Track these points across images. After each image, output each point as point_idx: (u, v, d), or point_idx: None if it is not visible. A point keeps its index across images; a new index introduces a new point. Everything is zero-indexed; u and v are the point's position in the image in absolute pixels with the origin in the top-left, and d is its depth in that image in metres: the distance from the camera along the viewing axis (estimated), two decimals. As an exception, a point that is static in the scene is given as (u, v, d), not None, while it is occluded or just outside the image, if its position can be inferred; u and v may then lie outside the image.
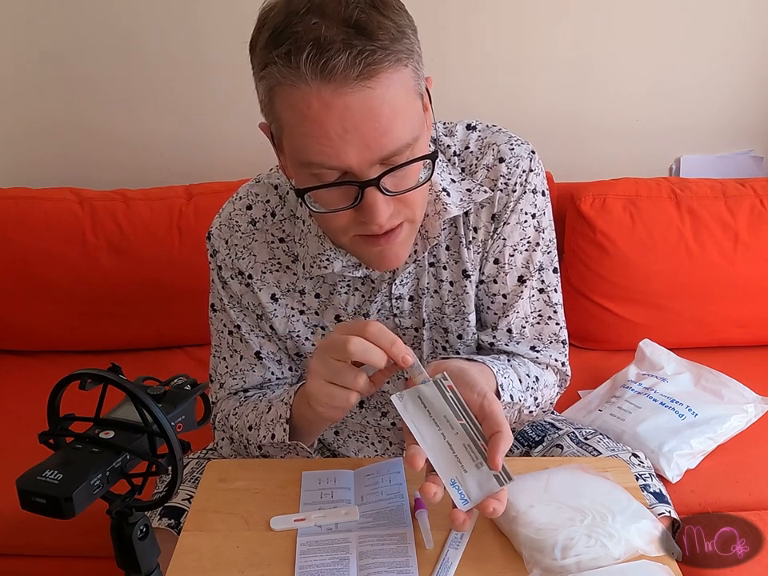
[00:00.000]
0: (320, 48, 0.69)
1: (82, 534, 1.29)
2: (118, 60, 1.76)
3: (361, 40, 0.69)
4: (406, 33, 0.74)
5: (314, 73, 0.70)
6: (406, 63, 0.74)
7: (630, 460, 0.99)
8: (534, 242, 0.96)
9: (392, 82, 0.72)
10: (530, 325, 1.00)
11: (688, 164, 1.89)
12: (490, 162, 0.92)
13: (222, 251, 0.98)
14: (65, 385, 0.58)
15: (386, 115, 0.72)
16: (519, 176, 0.92)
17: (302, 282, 0.97)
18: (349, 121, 0.71)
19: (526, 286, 0.97)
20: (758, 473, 1.31)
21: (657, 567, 0.72)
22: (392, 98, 0.72)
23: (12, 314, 1.70)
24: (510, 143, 0.93)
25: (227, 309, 1.00)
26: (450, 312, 0.98)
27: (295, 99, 0.73)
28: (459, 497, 0.72)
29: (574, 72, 1.79)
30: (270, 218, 0.96)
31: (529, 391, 0.96)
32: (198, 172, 1.80)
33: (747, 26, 1.77)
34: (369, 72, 0.70)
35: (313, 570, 0.75)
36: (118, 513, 0.59)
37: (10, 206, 1.66)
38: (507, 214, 0.93)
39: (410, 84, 0.75)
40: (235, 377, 1.04)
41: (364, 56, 0.69)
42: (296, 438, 0.93)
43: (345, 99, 0.71)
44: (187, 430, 0.61)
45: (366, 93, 0.71)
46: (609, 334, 1.68)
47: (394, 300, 0.96)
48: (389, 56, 0.71)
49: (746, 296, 1.62)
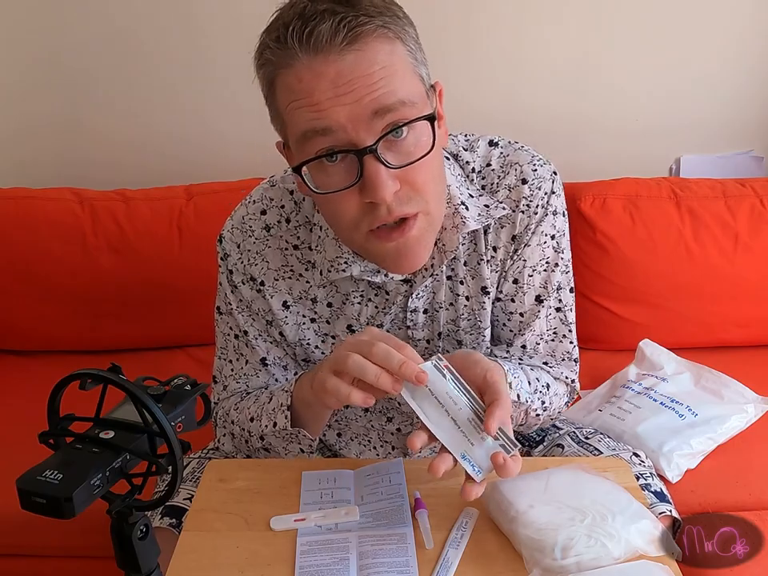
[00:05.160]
0: (303, 19, 0.71)
1: (82, 534, 1.29)
2: (118, 60, 1.76)
3: (345, 8, 0.71)
4: (392, 10, 0.75)
5: (300, 44, 0.71)
6: (393, 37, 0.74)
7: (631, 459, 0.99)
8: (553, 262, 0.96)
9: (382, 49, 0.73)
10: (544, 342, 1.00)
11: (688, 164, 1.89)
12: (512, 183, 0.91)
13: (233, 255, 0.96)
14: (65, 385, 0.58)
15: (377, 74, 0.73)
16: (541, 198, 0.91)
17: (314, 290, 0.96)
18: (340, 86, 0.72)
19: (543, 306, 0.97)
20: (758, 473, 1.31)
21: (657, 567, 0.72)
22: (384, 62, 0.73)
23: (12, 314, 1.70)
24: (533, 163, 0.92)
25: (234, 313, 0.99)
26: (465, 326, 0.98)
27: (290, 79, 0.74)
28: (471, 469, 0.75)
29: (574, 72, 1.79)
30: (285, 224, 0.95)
31: (537, 394, 0.97)
32: (198, 172, 1.80)
33: (747, 26, 1.77)
34: (354, 36, 0.71)
35: (313, 570, 0.75)
36: (118, 513, 0.59)
37: (9, 205, 1.66)
38: (528, 235, 0.92)
39: (404, 59, 0.75)
40: (239, 380, 1.03)
41: (347, 20, 0.70)
42: (298, 426, 0.92)
43: (335, 66, 0.72)
44: (187, 430, 0.61)
45: (357, 55, 0.72)
46: (609, 333, 1.68)
47: (409, 312, 0.95)
48: (373, 21, 0.72)
49: (746, 296, 1.62)
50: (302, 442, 0.93)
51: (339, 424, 1.08)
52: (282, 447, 0.96)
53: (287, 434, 0.93)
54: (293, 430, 0.92)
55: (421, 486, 0.85)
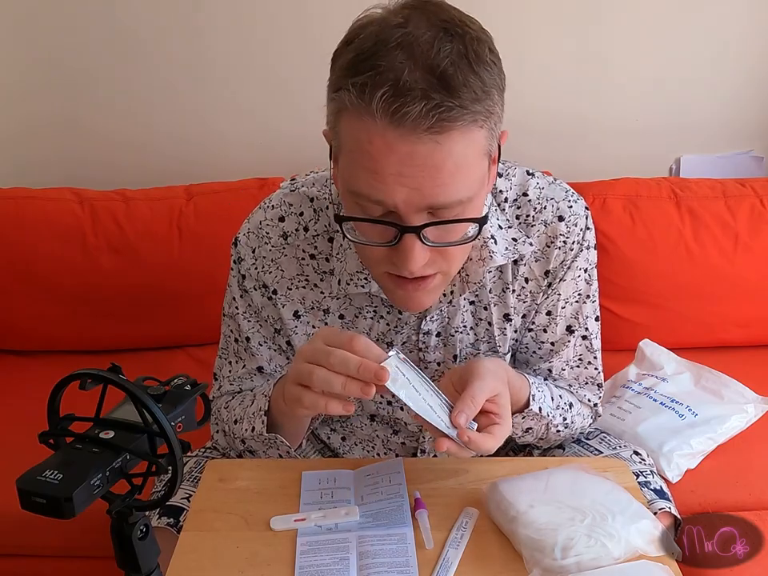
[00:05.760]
0: (397, 91, 0.66)
1: (81, 534, 1.29)
2: (118, 60, 1.76)
3: (441, 93, 0.66)
4: (490, 93, 0.70)
5: (384, 113, 0.67)
6: (481, 125, 0.70)
7: (632, 458, 0.99)
8: (585, 294, 0.97)
9: (462, 141, 0.69)
10: (569, 368, 1.01)
11: (688, 164, 1.89)
12: (548, 219, 0.91)
13: (247, 260, 0.95)
14: (65, 385, 0.58)
15: (447, 170, 0.70)
16: (578, 234, 0.92)
17: (327, 300, 0.95)
18: (408, 167, 0.69)
19: (574, 335, 0.99)
20: (758, 473, 1.31)
21: (657, 567, 0.72)
22: (458, 156, 0.70)
23: (12, 313, 1.70)
24: (568, 200, 0.92)
25: (238, 317, 0.99)
26: (485, 349, 0.98)
27: (359, 130, 0.70)
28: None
29: (574, 72, 1.79)
30: (303, 233, 0.93)
31: (559, 410, 0.98)
32: (198, 172, 1.80)
33: (747, 26, 1.77)
34: (440, 127, 0.67)
35: (313, 570, 0.75)
36: (118, 513, 0.59)
37: (9, 205, 1.66)
38: (564, 270, 0.93)
39: (480, 145, 0.72)
40: (233, 383, 1.03)
41: (440, 111, 0.66)
42: (274, 431, 0.92)
43: (409, 146, 0.68)
44: (187, 430, 0.61)
45: (433, 147, 0.68)
46: (609, 334, 1.66)
47: (422, 335, 0.95)
48: (465, 116, 0.68)
49: (746, 296, 1.62)
50: (279, 447, 0.93)
51: (345, 429, 1.08)
52: (263, 452, 0.96)
53: (265, 439, 0.93)
54: (269, 436, 0.92)
55: (421, 486, 0.85)
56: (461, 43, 0.69)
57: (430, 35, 0.68)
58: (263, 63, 1.76)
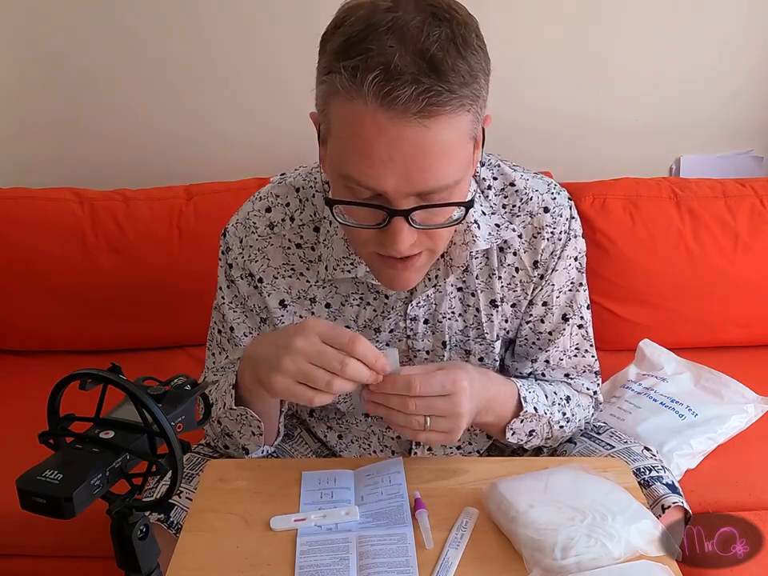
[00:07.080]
0: (388, 75, 0.67)
1: (81, 534, 1.29)
2: (118, 60, 1.76)
3: (431, 78, 0.68)
4: (477, 77, 0.72)
5: (375, 96, 0.68)
6: (468, 109, 0.72)
7: (643, 452, 1.00)
8: (578, 282, 0.99)
9: (449, 125, 0.71)
10: (567, 357, 1.03)
11: (688, 164, 1.89)
12: (534, 210, 0.93)
13: (234, 249, 0.97)
14: (65, 385, 0.58)
15: (435, 154, 0.71)
16: (564, 224, 0.94)
17: (314, 289, 0.97)
18: (397, 150, 0.71)
19: (569, 324, 1.00)
20: (758, 473, 1.31)
21: (657, 567, 0.72)
22: (445, 139, 0.71)
23: (12, 314, 1.70)
24: (551, 192, 0.95)
25: (223, 308, 1.00)
26: (474, 335, 0.99)
27: (350, 113, 0.71)
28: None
29: (575, 72, 1.79)
30: (289, 223, 0.95)
31: (556, 406, 0.99)
32: (198, 172, 1.80)
33: (747, 26, 1.77)
34: (429, 111, 0.69)
35: (313, 570, 0.75)
36: (118, 513, 0.59)
37: (9, 205, 1.66)
38: (555, 261, 0.95)
39: (466, 128, 0.74)
40: (216, 373, 1.04)
41: (429, 95, 0.68)
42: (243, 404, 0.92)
43: (398, 129, 0.70)
44: (187, 429, 0.61)
45: (421, 130, 0.70)
46: (609, 334, 1.67)
47: (409, 321, 0.96)
48: (453, 100, 0.69)
49: (746, 296, 1.62)
50: (251, 423, 0.93)
51: (341, 427, 1.08)
52: (237, 431, 0.95)
53: (237, 415, 0.93)
54: (238, 409, 0.92)
55: (421, 486, 0.86)
56: (449, 28, 0.70)
57: (419, 20, 0.69)
58: (263, 63, 1.76)
